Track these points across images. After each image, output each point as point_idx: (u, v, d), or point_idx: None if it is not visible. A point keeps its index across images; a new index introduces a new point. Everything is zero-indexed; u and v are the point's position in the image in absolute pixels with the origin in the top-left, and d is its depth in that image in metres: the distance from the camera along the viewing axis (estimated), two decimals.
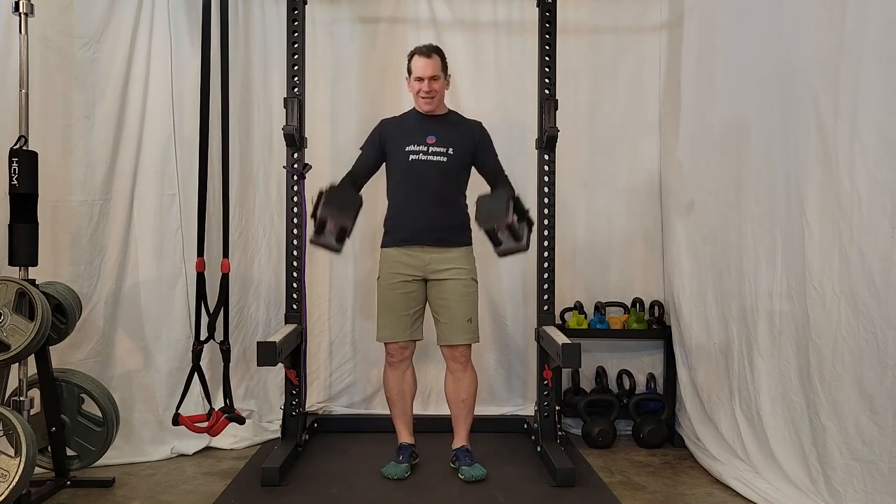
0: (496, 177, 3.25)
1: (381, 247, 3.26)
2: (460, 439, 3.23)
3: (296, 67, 3.53)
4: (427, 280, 3.20)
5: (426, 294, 3.23)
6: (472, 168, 3.29)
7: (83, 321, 3.24)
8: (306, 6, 3.61)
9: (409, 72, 3.22)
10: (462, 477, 3.09)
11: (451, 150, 3.16)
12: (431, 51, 3.19)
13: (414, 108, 3.28)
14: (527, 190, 3.71)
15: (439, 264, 3.16)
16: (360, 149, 3.28)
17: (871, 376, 2.39)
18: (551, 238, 3.59)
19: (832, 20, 2.56)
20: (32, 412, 2.95)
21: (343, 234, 3.05)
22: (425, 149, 3.15)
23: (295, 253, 3.54)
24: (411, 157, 3.15)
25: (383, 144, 3.22)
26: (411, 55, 3.22)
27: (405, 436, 3.26)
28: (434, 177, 3.15)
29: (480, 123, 3.31)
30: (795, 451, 2.82)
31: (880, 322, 2.35)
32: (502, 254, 3.06)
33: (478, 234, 3.14)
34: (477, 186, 3.34)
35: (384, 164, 3.26)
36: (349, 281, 4.04)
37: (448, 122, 3.25)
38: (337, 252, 3.14)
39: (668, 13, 3.99)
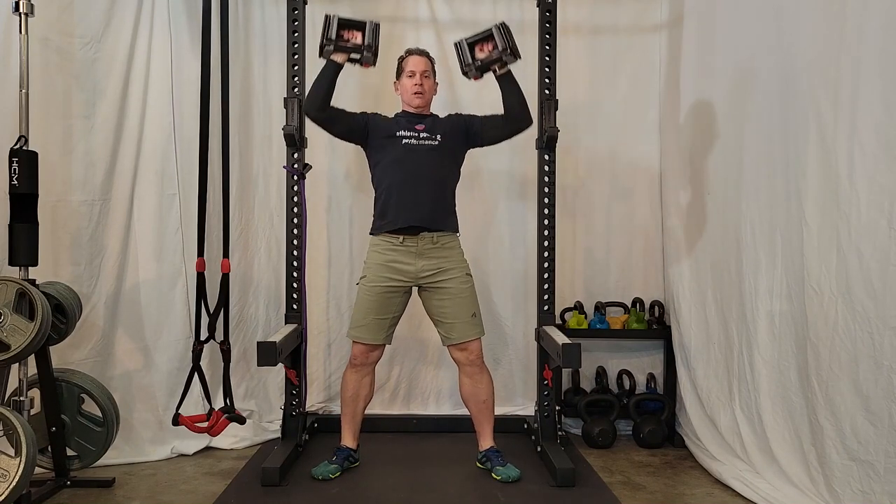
0: (493, 114, 3.26)
1: (371, 233, 3.23)
2: (487, 440, 3.23)
3: (296, 67, 3.53)
4: (419, 287, 3.20)
5: (421, 302, 3.24)
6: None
7: (83, 321, 3.24)
8: (306, 6, 3.61)
9: (399, 73, 3.26)
10: (498, 478, 3.09)
11: (439, 137, 3.19)
12: (424, 52, 3.27)
13: (401, 111, 3.30)
14: (527, 190, 3.72)
15: (431, 268, 3.14)
16: None
17: (868, 377, 2.39)
18: (551, 238, 3.58)
19: (831, 21, 2.55)
20: (32, 412, 2.96)
21: (362, 43, 3.08)
22: (416, 134, 3.17)
23: (295, 253, 3.54)
24: (404, 141, 3.16)
25: (368, 129, 3.21)
26: (403, 56, 3.27)
27: (348, 439, 3.25)
28: (427, 159, 3.17)
29: (459, 113, 3.35)
30: (795, 451, 2.82)
31: (877, 322, 2.35)
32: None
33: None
34: (469, 186, 3.34)
35: (365, 150, 3.27)
36: (346, 282, 4.03)
37: (433, 119, 3.28)
38: (365, 60, 3.11)
39: (668, 13, 3.99)
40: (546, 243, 3.59)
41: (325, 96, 3.11)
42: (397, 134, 3.17)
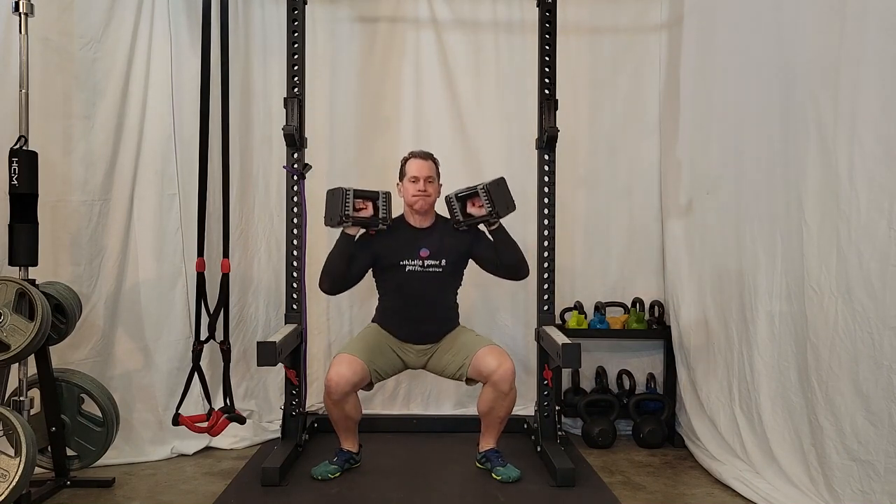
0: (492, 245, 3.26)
1: (373, 322, 3.32)
2: (489, 442, 3.23)
3: (296, 67, 3.53)
4: (423, 366, 3.29)
5: (424, 368, 3.32)
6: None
7: (83, 321, 3.24)
8: (306, 6, 3.61)
9: (402, 175, 3.23)
10: (498, 478, 3.09)
11: (444, 262, 3.19)
12: (428, 155, 3.24)
13: (402, 219, 3.27)
14: (527, 190, 3.72)
15: (430, 353, 3.25)
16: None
17: (868, 377, 2.40)
18: (551, 238, 3.58)
19: (832, 21, 2.56)
20: (32, 412, 2.96)
21: (377, 214, 3.12)
22: (420, 262, 3.17)
23: (295, 253, 3.54)
24: (408, 268, 3.17)
25: (373, 255, 3.21)
26: (406, 159, 3.25)
27: (348, 444, 3.23)
28: (430, 285, 3.20)
29: (468, 230, 3.27)
30: (795, 451, 2.83)
31: (876, 322, 2.35)
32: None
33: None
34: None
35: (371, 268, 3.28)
36: None
37: (439, 233, 3.24)
38: (376, 229, 3.16)
39: (668, 13, 3.99)
40: (546, 243, 3.59)
41: (342, 275, 3.16)
42: (401, 263, 3.17)
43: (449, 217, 3.25)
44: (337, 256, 3.14)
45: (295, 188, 3.52)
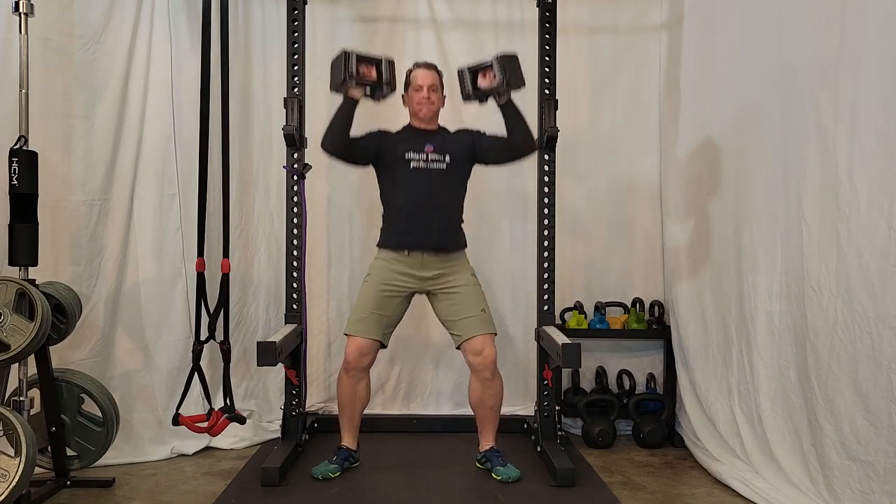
0: (499, 136, 3.22)
1: (378, 246, 3.24)
2: (488, 441, 3.23)
3: (296, 67, 3.53)
4: (427, 293, 3.22)
5: (431, 307, 3.26)
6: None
7: (83, 321, 3.24)
8: (306, 6, 3.61)
9: (407, 86, 3.24)
10: (498, 478, 3.09)
11: (448, 158, 3.18)
12: (432, 66, 3.25)
13: (408, 125, 3.28)
14: (527, 190, 3.72)
15: (438, 278, 3.18)
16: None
17: (867, 376, 2.39)
18: (551, 238, 3.58)
19: (831, 21, 2.55)
20: (32, 412, 2.96)
21: (381, 79, 3.08)
22: (425, 156, 3.17)
23: (295, 253, 3.54)
24: (412, 164, 3.16)
25: (379, 150, 3.20)
26: (410, 70, 3.25)
27: (348, 440, 3.24)
28: (434, 183, 3.17)
29: (468, 129, 3.30)
30: (795, 451, 2.83)
31: (876, 322, 2.35)
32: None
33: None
34: (469, 185, 3.33)
35: (374, 167, 3.25)
36: (346, 282, 4.04)
37: (442, 135, 3.26)
38: (381, 94, 3.14)
39: (668, 13, 3.99)
40: (546, 243, 3.59)
41: (345, 133, 3.11)
42: (406, 156, 3.16)
43: (461, 89, 3.18)
44: (339, 117, 3.09)
45: (295, 188, 3.53)
